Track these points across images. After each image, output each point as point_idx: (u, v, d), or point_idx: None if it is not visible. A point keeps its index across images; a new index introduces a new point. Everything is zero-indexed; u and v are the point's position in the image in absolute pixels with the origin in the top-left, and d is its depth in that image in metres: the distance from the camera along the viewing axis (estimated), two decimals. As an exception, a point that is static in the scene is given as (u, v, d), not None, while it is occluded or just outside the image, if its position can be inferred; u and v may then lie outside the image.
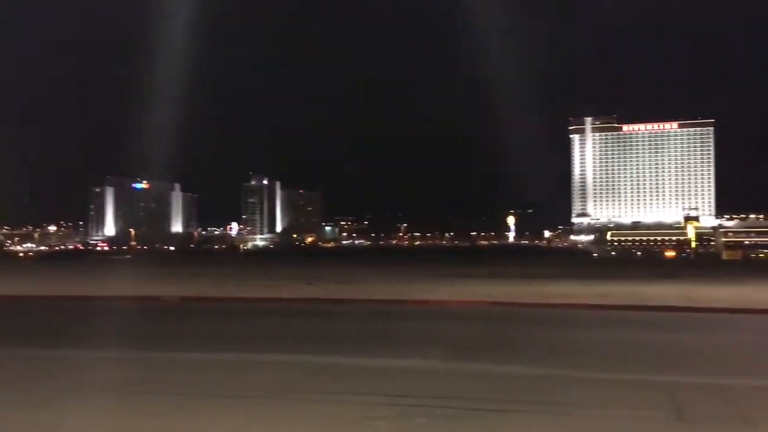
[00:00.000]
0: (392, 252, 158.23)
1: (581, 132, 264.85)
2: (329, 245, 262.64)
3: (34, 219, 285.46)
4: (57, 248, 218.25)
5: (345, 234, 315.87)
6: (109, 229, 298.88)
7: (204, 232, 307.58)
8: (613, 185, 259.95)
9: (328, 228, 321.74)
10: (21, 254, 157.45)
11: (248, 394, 9.44)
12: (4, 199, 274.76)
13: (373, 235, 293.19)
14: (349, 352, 13.06)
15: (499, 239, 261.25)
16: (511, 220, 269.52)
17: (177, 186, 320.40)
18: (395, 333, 16.95)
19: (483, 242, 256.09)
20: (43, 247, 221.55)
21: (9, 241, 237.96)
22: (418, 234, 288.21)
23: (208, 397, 9.33)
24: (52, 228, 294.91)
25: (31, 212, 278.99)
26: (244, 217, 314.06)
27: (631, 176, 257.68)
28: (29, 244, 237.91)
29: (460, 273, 40.03)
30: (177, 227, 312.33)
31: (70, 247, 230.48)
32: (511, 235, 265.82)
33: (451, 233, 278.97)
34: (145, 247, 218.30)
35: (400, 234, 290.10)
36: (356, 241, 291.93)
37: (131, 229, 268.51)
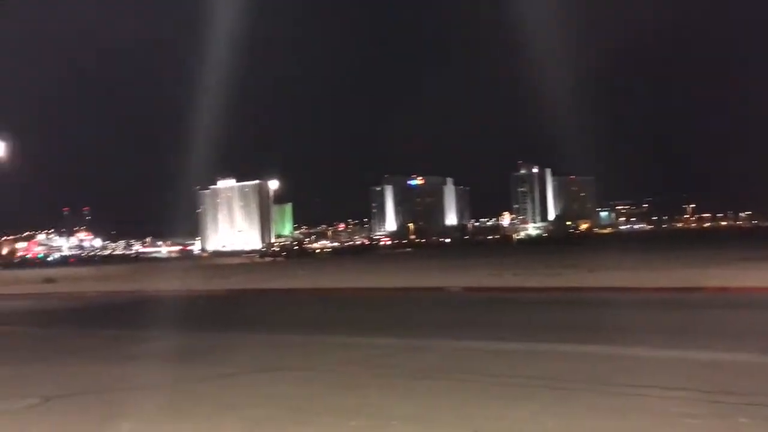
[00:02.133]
0: (677, 235, 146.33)
1: None
2: (605, 231, 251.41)
3: (326, 218, 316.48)
4: (346, 244, 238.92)
5: (623, 219, 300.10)
6: (390, 224, 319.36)
7: (476, 224, 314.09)
8: None
9: (603, 213, 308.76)
10: (317, 250, 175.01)
11: (539, 384, 9.22)
12: (303, 203, 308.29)
13: (654, 218, 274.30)
14: (648, 342, 12.17)
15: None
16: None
17: (449, 180, 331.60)
18: (693, 322, 15.53)
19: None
20: (335, 244, 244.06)
21: (306, 239, 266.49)
22: (707, 215, 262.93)
23: (506, 387, 9.31)
24: (342, 226, 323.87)
25: (322, 212, 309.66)
26: (515, 206, 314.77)
27: None
28: (324, 241, 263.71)
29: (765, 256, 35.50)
30: (451, 220, 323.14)
31: (358, 242, 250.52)
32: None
33: (748, 212, 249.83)
34: (423, 240, 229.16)
35: (686, 216, 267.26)
36: (635, 226, 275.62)
37: (410, 224, 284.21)
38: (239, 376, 11.04)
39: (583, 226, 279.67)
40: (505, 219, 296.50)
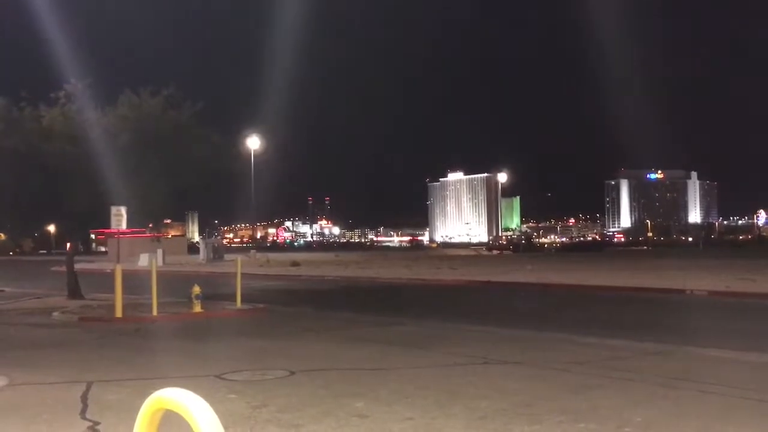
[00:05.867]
0: None
1: None
2: None
3: (555, 212, 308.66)
4: (577, 240, 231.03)
5: None
6: (625, 220, 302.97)
7: (725, 222, 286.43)
8: None
9: None
10: (546, 245, 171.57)
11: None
12: (532, 196, 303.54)
13: None
14: None
15: None
16: None
17: (693, 174, 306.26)
18: None
19: None
20: (564, 239, 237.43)
21: (535, 233, 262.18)
22: None
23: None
24: (572, 220, 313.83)
25: (552, 206, 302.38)
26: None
27: None
28: (552, 236, 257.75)
29: None
30: (695, 217, 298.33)
31: (589, 238, 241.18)
32: None
33: None
34: (661, 239, 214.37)
35: None
36: None
37: (647, 221, 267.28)
38: (466, 367, 11.14)
39: None
40: (761, 218, 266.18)
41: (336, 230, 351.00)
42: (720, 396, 8.71)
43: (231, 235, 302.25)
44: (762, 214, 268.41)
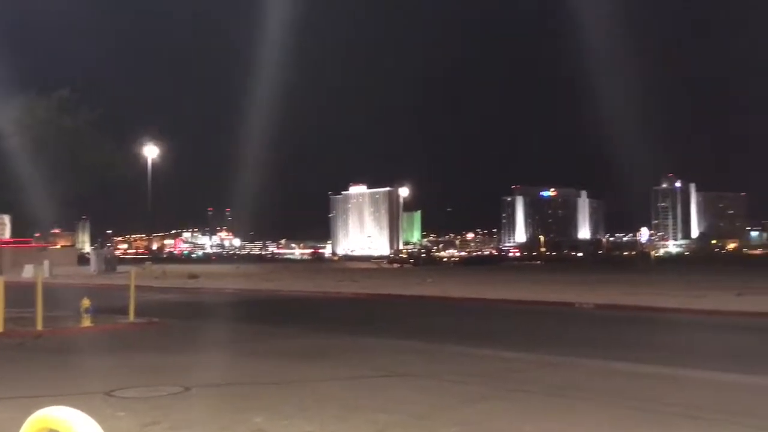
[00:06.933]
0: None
1: None
2: (756, 252, 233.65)
3: (454, 227, 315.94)
4: (474, 254, 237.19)
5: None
6: (520, 235, 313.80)
7: (612, 239, 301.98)
8: None
9: (754, 233, 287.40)
10: (445, 259, 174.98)
11: (678, 412, 8.64)
12: (432, 211, 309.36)
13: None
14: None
15: None
16: None
17: (583, 193, 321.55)
18: None
19: None
20: (462, 253, 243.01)
21: (435, 247, 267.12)
22: None
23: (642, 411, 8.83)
24: (470, 235, 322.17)
25: (451, 221, 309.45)
26: (654, 222, 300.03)
27: None
28: (452, 250, 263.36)
29: None
30: (584, 234, 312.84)
31: (486, 252, 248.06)
32: None
33: None
34: (553, 253, 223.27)
35: None
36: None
37: (540, 236, 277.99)
38: (368, 379, 11.18)
39: (731, 246, 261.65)
40: (643, 235, 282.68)
41: (236, 242, 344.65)
42: (610, 405, 9.14)
43: (125, 246, 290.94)
44: (644, 231, 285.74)
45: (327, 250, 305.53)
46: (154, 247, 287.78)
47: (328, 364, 12.68)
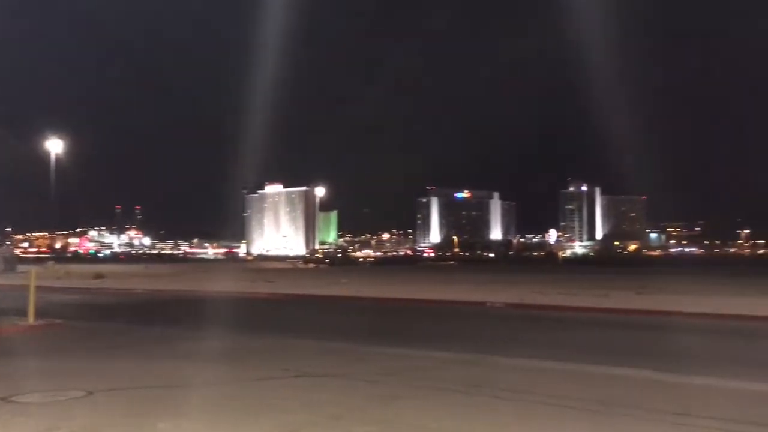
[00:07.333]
0: (729, 261, 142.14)
1: None
2: (655, 253, 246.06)
3: (370, 227, 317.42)
4: (390, 254, 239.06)
5: (673, 241, 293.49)
6: (435, 236, 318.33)
7: (522, 240, 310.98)
8: None
9: (653, 235, 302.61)
10: (361, 259, 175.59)
11: (583, 407, 8.99)
12: (349, 211, 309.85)
13: (706, 242, 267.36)
14: (700, 371, 11.78)
15: None
16: None
17: (496, 195, 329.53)
18: (746, 351, 15.00)
19: None
20: (378, 253, 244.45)
21: (351, 247, 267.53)
22: (762, 241, 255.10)
23: (547, 406, 9.12)
24: (386, 235, 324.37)
25: (367, 221, 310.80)
26: (562, 224, 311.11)
27: None
28: (367, 250, 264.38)
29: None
30: (496, 234, 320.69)
31: (401, 253, 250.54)
32: None
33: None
34: (467, 254, 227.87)
35: (740, 241, 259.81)
36: (686, 249, 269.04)
37: (454, 237, 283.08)
38: (279, 380, 11.05)
39: (632, 247, 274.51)
40: (552, 236, 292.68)
41: (147, 241, 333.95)
42: (515, 402, 9.39)
43: (26, 245, 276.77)
44: (552, 232, 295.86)
45: (241, 250, 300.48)
46: (58, 245, 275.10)
47: (237, 365, 12.47)
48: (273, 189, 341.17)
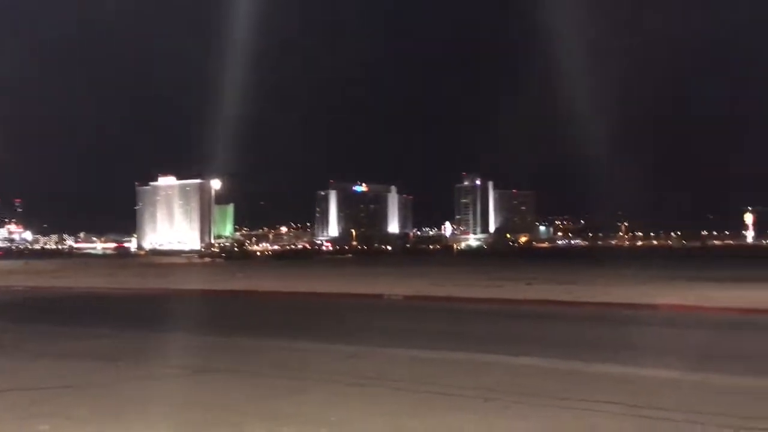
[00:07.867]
0: (610, 252, 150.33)
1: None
2: (544, 245, 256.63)
3: (268, 221, 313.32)
4: (288, 247, 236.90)
5: (560, 234, 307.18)
6: (333, 230, 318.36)
7: (419, 233, 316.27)
8: None
9: (542, 228, 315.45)
10: (258, 253, 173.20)
11: (474, 395, 9.27)
12: (245, 204, 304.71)
13: (590, 235, 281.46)
14: (580, 357, 12.41)
15: (735, 239, 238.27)
16: (749, 218, 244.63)
17: (393, 188, 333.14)
18: (622, 338, 15.94)
19: (716, 242, 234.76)
20: (276, 247, 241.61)
21: (248, 241, 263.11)
22: (640, 234, 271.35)
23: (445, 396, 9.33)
24: (284, 229, 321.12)
25: (265, 215, 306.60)
26: (457, 217, 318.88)
27: None
28: (265, 244, 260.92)
29: (695, 276, 36.88)
30: (394, 228, 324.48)
31: (299, 246, 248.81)
32: (750, 235, 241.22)
33: (678, 233, 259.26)
34: (364, 247, 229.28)
35: (620, 234, 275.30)
36: (572, 241, 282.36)
37: (352, 230, 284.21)
38: (170, 378, 10.75)
39: (523, 240, 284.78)
40: (447, 229, 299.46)
41: (28, 235, 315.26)
42: (411, 393, 9.54)
43: None
44: (448, 225, 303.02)
45: (132, 245, 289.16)
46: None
47: (126, 364, 12.03)
48: (166, 181, 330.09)
